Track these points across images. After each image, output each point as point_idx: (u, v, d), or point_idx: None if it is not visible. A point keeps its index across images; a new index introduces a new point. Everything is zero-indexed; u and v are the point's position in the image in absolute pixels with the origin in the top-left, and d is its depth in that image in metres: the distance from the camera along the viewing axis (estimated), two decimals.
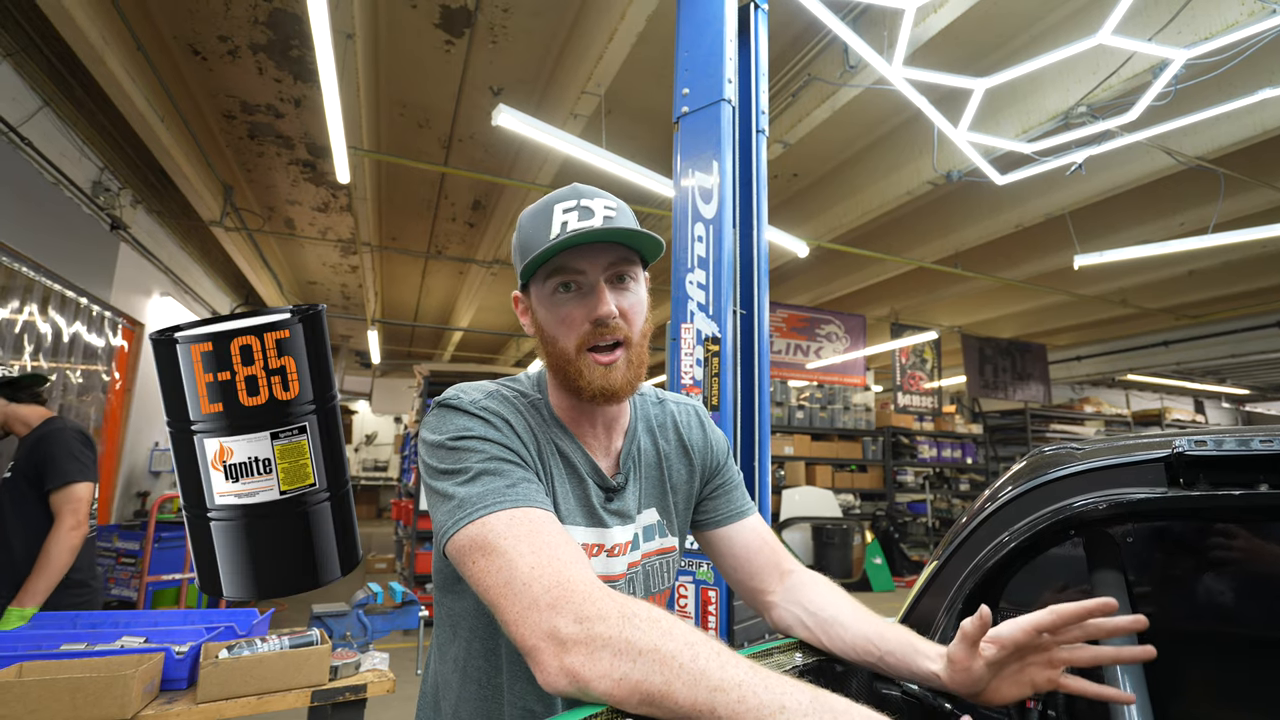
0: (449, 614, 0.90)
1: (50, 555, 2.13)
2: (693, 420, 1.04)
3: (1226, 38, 3.10)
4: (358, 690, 1.75)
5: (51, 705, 1.38)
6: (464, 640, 0.87)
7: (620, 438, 0.94)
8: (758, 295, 2.28)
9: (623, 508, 0.91)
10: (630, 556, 0.91)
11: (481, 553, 0.68)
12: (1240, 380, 13.84)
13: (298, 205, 6.82)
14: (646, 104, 4.80)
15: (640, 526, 0.93)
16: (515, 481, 0.74)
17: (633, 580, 0.91)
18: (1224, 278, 8.24)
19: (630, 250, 0.85)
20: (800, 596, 0.93)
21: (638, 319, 0.86)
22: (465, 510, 0.71)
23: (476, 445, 0.77)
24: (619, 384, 0.83)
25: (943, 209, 6.50)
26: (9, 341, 3.80)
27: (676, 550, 0.98)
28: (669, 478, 0.97)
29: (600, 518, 0.88)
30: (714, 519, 1.01)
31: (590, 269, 0.82)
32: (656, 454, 0.97)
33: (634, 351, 0.85)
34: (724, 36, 2.24)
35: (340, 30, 3.49)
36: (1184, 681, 0.86)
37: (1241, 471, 0.76)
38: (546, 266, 0.83)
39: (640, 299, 0.87)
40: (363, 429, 17.32)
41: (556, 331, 0.84)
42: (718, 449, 1.04)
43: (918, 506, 9.00)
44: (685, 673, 0.54)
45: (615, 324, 0.82)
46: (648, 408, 1.01)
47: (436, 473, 0.77)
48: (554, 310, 0.84)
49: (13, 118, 3.63)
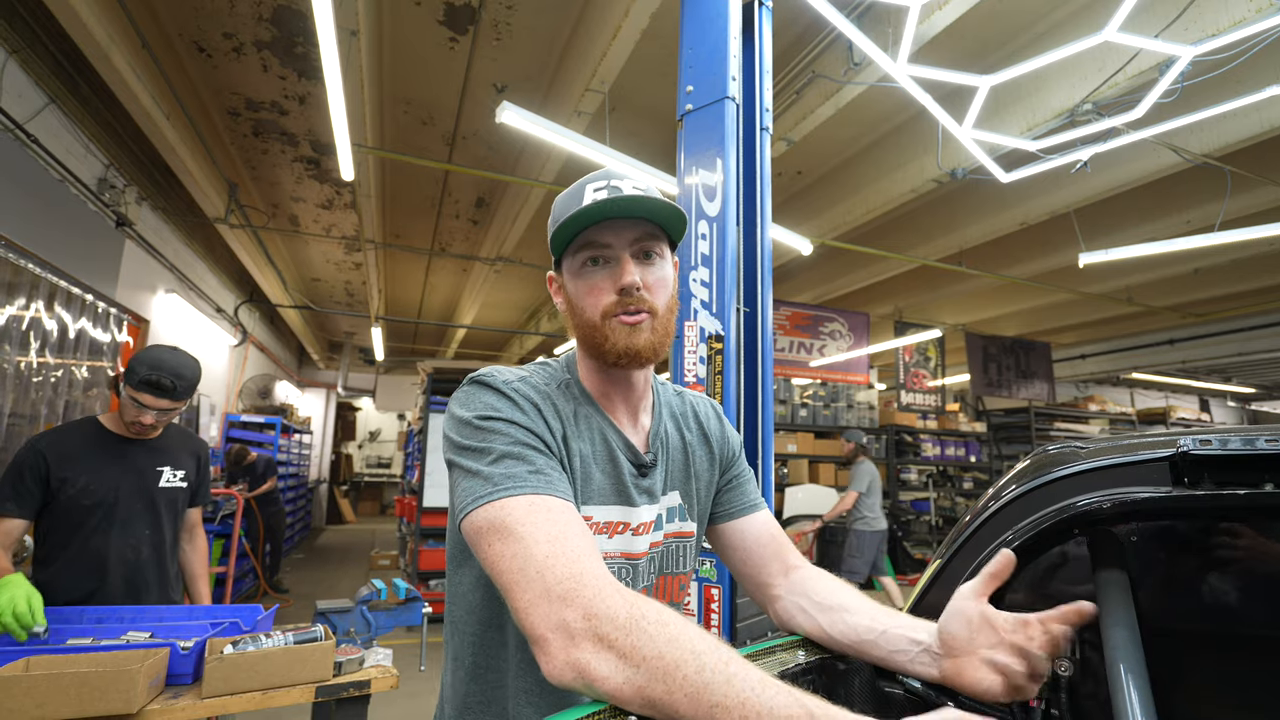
0: (454, 592, 0.90)
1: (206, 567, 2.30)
2: (710, 413, 1.07)
3: (1234, 34, 3.07)
4: (361, 686, 1.76)
5: (57, 699, 1.39)
6: (466, 626, 0.88)
7: (649, 416, 0.96)
8: (761, 293, 2.28)
9: (651, 485, 0.92)
10: (653, 536, 0.91)
11: (498, 535, 0.68)
12: (1246, 379, 13.77)
13: (302, 202, 6.83)
14: (650, 101, 4.80)
15: (664, 507, 0.94)
16: (539, 468, 0.74)
17: (653, 559, 0.92)
18: (1230, 276, 8.20)
19: (656, 227, 0.87)
20: (805, 589, 0.93)
21: (662, 293, 0.88)
22: (486, 490, 0.72)
23: (503, 427, 0.78)
24: (642, 344, 0.84)
25: (947, 207, 6.47)
26: (15, 337, 3.82)
27: (695, 536, 0.99)
28: (693, 464, 0.99)
29: (629, 495, 0.89)
30: (726, 511, 1.03)
31: (616, 242, 0.85)
32: (681, 439, 0.99)
33: (660, 321, 0.87)
34: (728, 34, 2.23)
35: (344, 27, 3.49)
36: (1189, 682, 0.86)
37: (1247, 471, 0.76)
38: (576, 242, 0.86)
39: (665, 275, 0.89)
40: (366, 426, 17.38)
41: (584, 302, 0.87)
42: (733, 442, 1.07)
43: (921, 505, 8.98)
44: (689, 685, 0.54)
45: (640, 295, 0.85)
46: (669, 396, 1.03)
47: (460, 448, 0.78)
48: (582, 281, 0.87)
49: (19, 115, 3.64)
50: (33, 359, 4.01)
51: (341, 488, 15.28)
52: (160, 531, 2.10)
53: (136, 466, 2.06)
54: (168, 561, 2.14)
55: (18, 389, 3.89)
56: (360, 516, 15.38)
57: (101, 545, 1.98)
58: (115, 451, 2.04)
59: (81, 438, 2.02)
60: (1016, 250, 7.32)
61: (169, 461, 2.13)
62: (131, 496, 2.04)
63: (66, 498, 1.94)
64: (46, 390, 4.21)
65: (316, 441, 13.68)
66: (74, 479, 1.95)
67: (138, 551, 2.05)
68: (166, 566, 2.13)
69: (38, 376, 4.10)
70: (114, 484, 2.01)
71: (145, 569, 2.06)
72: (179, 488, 2.15)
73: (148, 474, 2.08)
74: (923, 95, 3.42)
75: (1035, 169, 4.17)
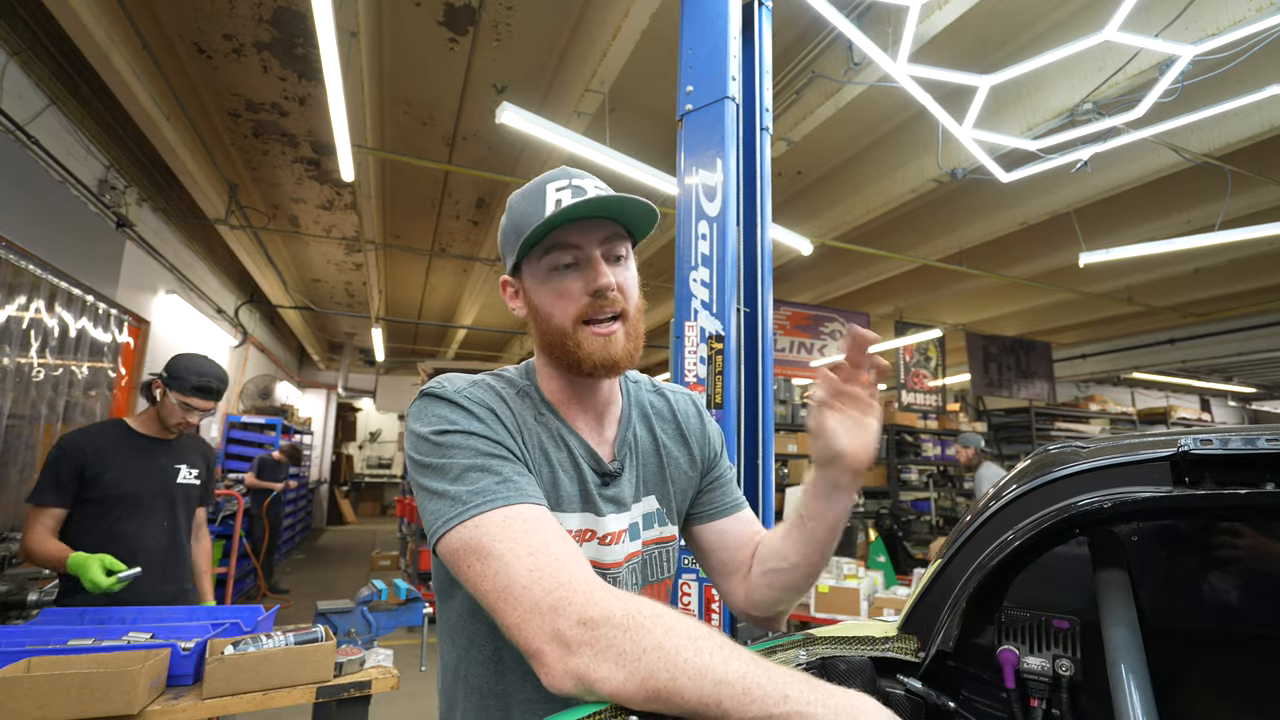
0: (445, 621, 0.89)
1: (210, 561, 2.45)
2: (690, 410, 1.03)
3: (1234, 34, 3.07)
4: (362, 687, 1.76)
5: (59, 700, 1.39)
6: (461, 649, 0.85)
7: (614, 426, 0.93)
8: (761, 293, 2.27)
9: (618, 494, 0.89)
10: (629, 546, 0.89)
11: (476, 556, 0.66)
12: (1246, 378, 13.77)
13: (302, 203, 6.83)
14: (650, 101, 4.80)
15: (639, 514, 0.92)
16: (505, 477, 0.72)
17: (632, 570, 0.89)
18: (1230, 275, 8.20)
19: (621, 227, 0.85)
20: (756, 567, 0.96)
21: (633, 293, 0.86)
22: (455, 510, 0.69)
23: (460, 440, 0.75)
24: (619, 354, 0.82)
25: (947, 207, 6.47)
26: (16, 338, 3.82)
27: (676, 539, 0.97)
28: (667, 466, 0.96)
29: (595, 504, 0.86)
30: (706, 512, 1.00)
31: (586, 243, 0.82)
32: (654, 442, 0.96)
33: (631, 325, 0.85)
34: (728, 34, 2.23)
35: (344, 28, 3.49)
36: (1189, 680, 0.86)
37: (1247, 470, 0.76)
38: (541, 244, 0.82)
39: (633, 275, 0.87)
40: (367, 426, 17.39)
41: (552, 308, 0.83)
42: (714, 441, 1.03)
43: (921, 504, 8.97)
44: (690, 668, 0.54)
45: (614, 296, 0.82)
46: (643, 395, 0.99)
47: (422, 468, 0.75)
48: (549, 285, 0.83)
49: (20, 116, 3.65)
50: (33, 359, 4.02)
51: (342, 488, 15.29)
52: (176, 523, 2.29)
53: (159, 464, 2.27)
54: (184, 551, 2.33)
55: (18, 389, 3.89)
56: (361, 517, 15.39)
57: (127, 532, 2.16)
58: (141, 450, 2.24)
59: (111, 437, 2.21)
60: (1017, 250, 7.32)
61: (185, 461, 2.34)
62: (154, 491, 2.23)
63: (98, 489, 2.12)
64: (47, 390, 4.21)
65: (317, 442, 13.68)
66: (104, 473, 2.14)
67: (157, 540, 2.22)
68: (184, 555, 2.33)
69: (38, 377, 4.10)
70: (139, 478, 2.21)
71: (166, 555, 2.25)
72: (193, 485, 2.35)
73: (168, 471, 2.28)
74: (923, 95, 3.42)
75: (1035, 169, 4.17)
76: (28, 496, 2.08)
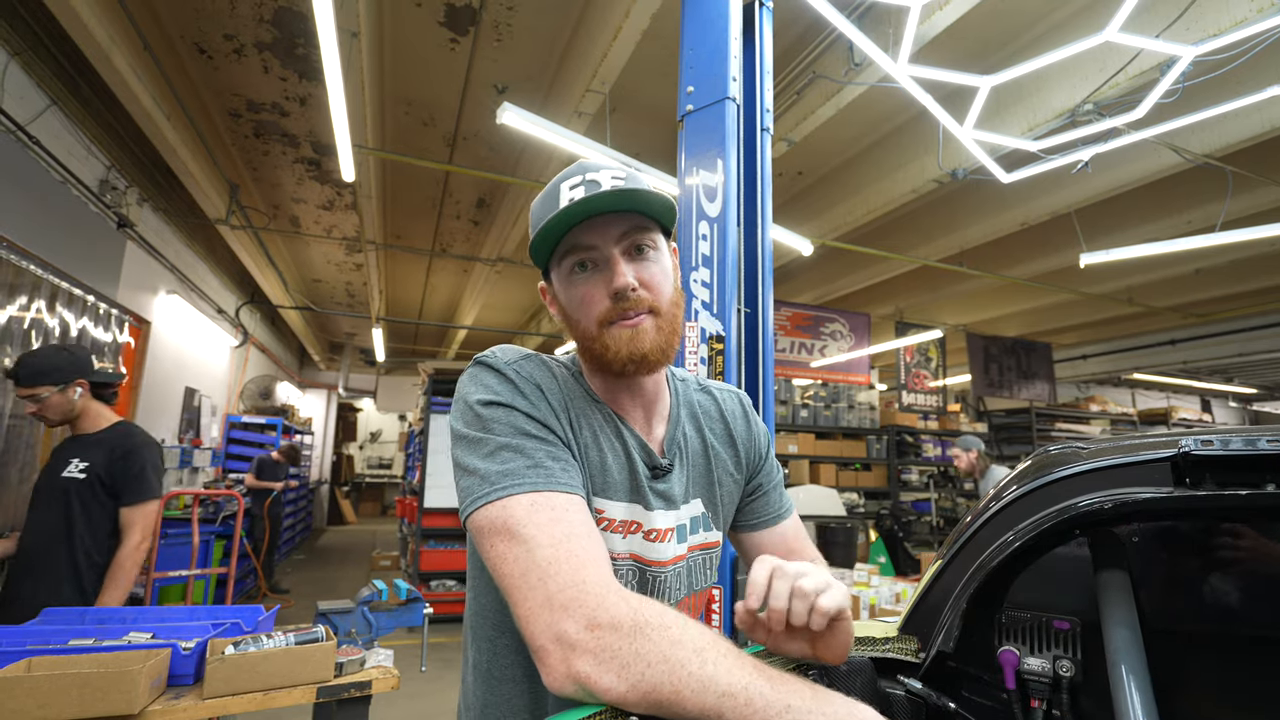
0: (476, 606, 0.85)
1: (125, 569, 2.17)
2: (737, 410, 0.98)
3: (1235, 34, 3.07)
4: (363, 687, 1.76)
5: (59, 700, 1.39)
6: (489, 637, 0.83)
7: (663, 424, 0.89)
8: (762, 293, 2.27)
9: (668, 490, 0.85)
10: (676, 549, 0.85)
11: (500, 537, 0.66)
12: (1247, 379, 13.75)
13: (303, 203, 6.84)
14: (651, 102, 4.80)
15: (687, 517, 0.87)
16: (536, 461, 0.70)
17: (679, 574, 0.85)
18: (1231, 276, 8.19)
19: (644, 218, 0.79)
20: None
21: (662, 287, 0.80)
22: (484, 489, 0.69)
23: (502, 415, 0.73)
24: (648, 347, 0.77)
25: (948, 207, 6.47)
26: (17, 338, 3.82)
27: (720, 546, 0.94)
28: (715, 469, 0.91)
29: (644, 496, 0.82)
30: (749, 522, 0.97)
31: (602, 243, 0.77)
32: (703, 444, 0.91)
33: (664, 319, 0.80)
34: (728, 34, 2.23)
35: (345, 28, 3.49)
36: (1190, 681, 0.86)
37: (1248, 471, 0.76)
38: (560, 248, 0.79)
39: (663, 267, 0.81)
40: (367, 427, 17.39)
41: (578, 313, 0.80)
42: (760, 442, 0.98)
43: (922, 505, 8.97)
44: (694, 680, 0.54)
45: (636, 296, 0.77)
46: (691, 394, 0.95)
47: (461, 439, 0.74)
48: (573, 289, 0.80)
49: (21, 116, 3.65)
50: None
51: (343, 488, 15.29)
52: (69, 522, 2.15)
53: (58, 459, 2.24)
54: (78, 552, 2.16)
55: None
56: (361, 517, 15.39)
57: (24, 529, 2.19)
58: (59, 448, 2.27)
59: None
60: (1017, 250, 7.31)
61: (78, 454, 2.23)
62: (45, 486, 2.21)
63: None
64: None
65: (317, 442, 13.69)
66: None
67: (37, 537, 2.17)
68: (76, 557, 2.15)
69: None
70: (42, 475, 2.23)
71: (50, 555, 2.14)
72: (77, 479, 2.19)
73: (59, 465, 2.22)
74: (923, 96, 3.42)
75: (1036, 169, 4.16)
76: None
